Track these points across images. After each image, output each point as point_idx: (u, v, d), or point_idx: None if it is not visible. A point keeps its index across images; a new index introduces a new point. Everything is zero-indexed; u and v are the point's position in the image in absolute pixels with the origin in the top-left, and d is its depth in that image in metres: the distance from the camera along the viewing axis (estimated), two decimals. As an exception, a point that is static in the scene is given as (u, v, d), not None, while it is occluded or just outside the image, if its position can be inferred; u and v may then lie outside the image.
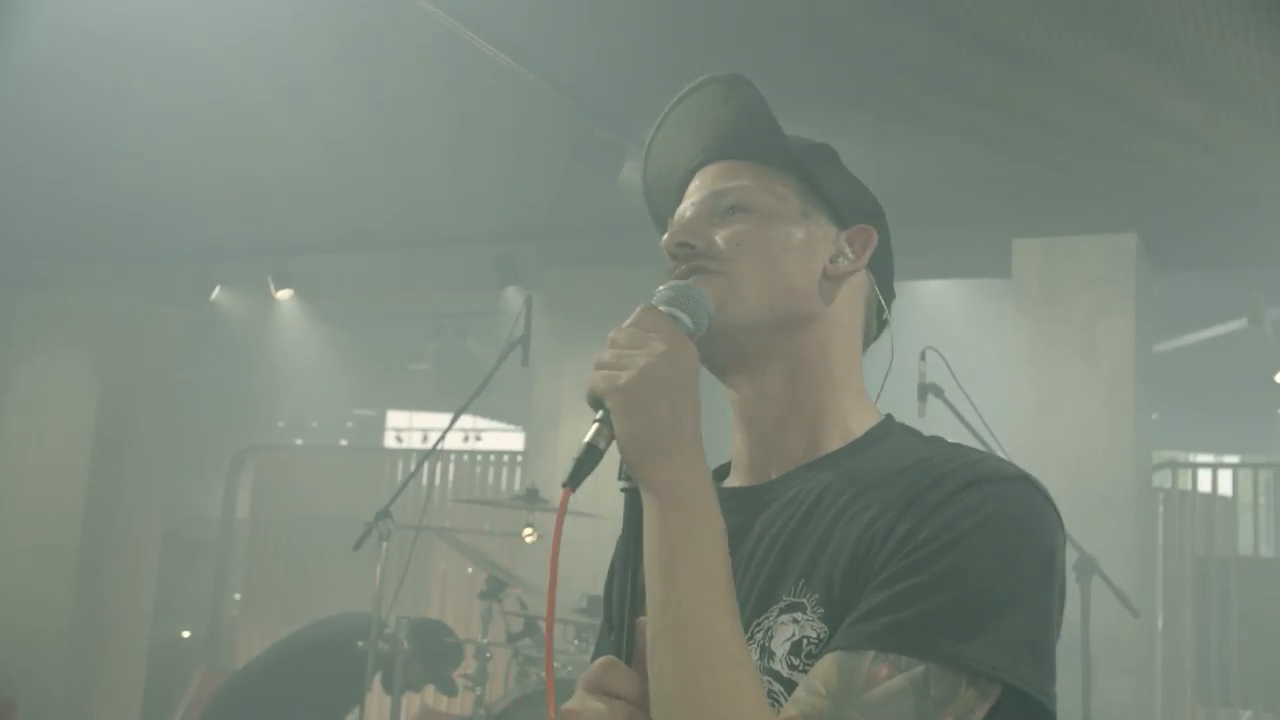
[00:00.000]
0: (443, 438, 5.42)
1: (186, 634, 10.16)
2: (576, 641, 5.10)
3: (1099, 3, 4.24)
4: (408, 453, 9.72)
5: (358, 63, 5.09)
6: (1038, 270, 6.36)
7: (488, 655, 5.29)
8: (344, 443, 16.32)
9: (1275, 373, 10.52)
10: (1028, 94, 5.07)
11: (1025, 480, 1.24)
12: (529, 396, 7.44)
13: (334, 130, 5.80)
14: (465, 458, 8.34)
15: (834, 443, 1.39)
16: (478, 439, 15.58)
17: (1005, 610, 1.14)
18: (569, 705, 1.22)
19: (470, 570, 8.02)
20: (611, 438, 1.22)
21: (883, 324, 1.52)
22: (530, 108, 5.35)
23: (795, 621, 1.25)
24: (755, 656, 1.25)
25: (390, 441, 16.55)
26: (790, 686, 1.21)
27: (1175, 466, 7.15)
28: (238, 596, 9.52)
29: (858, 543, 1.23)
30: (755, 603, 1.30)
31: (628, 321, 1.27)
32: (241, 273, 7.80)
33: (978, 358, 5.58)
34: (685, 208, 1.46)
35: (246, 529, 9.30)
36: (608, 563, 1.57)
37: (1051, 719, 1.16)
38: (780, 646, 1.25)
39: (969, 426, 5.18)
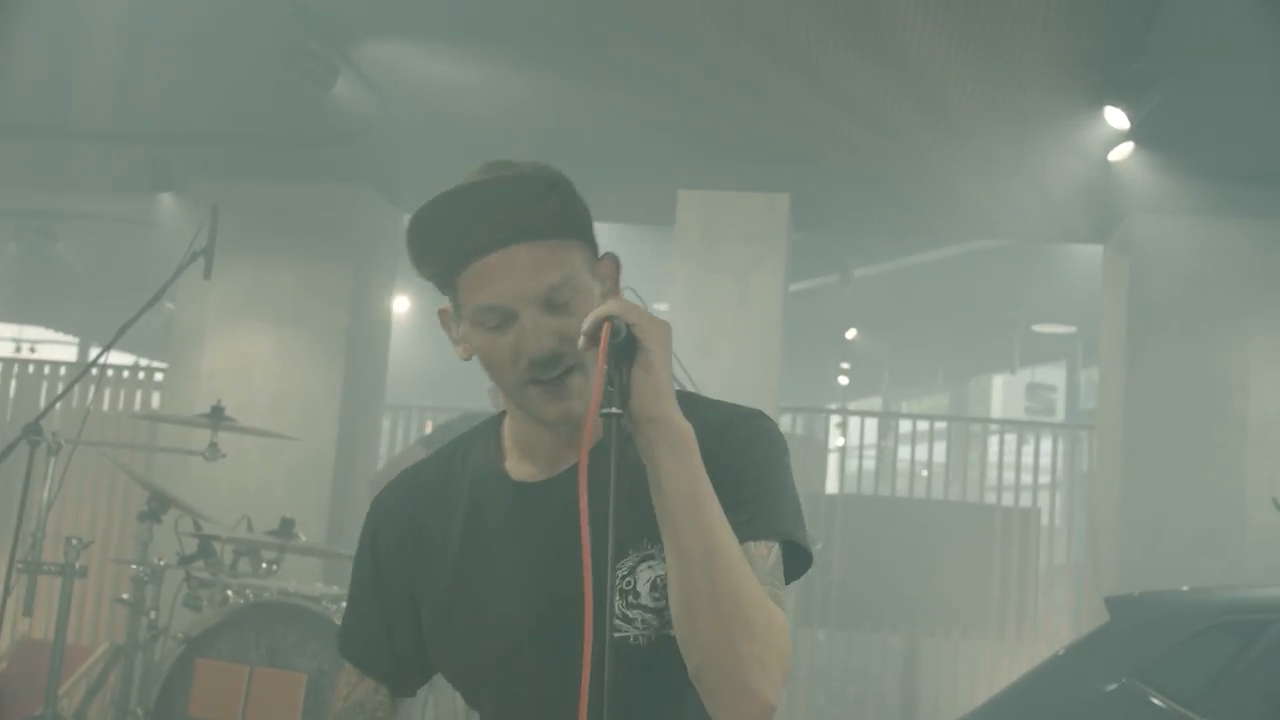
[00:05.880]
0: (105, 352, 5.07)
1: None
2: (267, 564, 4.92)
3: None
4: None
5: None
6: (699, 220, 6.73)
7: (145, 579, 5.00)
8: None
9: (848, 330, 11.63)
10: (710, 44, 5.29)
11: (764, 414, 1.73)
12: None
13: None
14: (108, 373, 7.69)
15: None
16: (32, 350, 14.39)
17: (791, 501, 1.65)
18: None
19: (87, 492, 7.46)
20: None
21: None
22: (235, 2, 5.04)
23: (650, 567, 1.62)
24: (620, 599, 1.62)
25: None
26: (657, 614, 1.61)
27: (795, 411, 7.80)
28: None
29: None
30: (617, 543, 1.53)
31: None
32: None
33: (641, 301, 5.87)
34: (520, 297, 1.59)
35: None
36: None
37: (810, 561, 1.70)
38: (643, 587, 1.62)
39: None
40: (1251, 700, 4.05)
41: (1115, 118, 5.05)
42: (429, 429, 9.21)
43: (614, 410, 1.42)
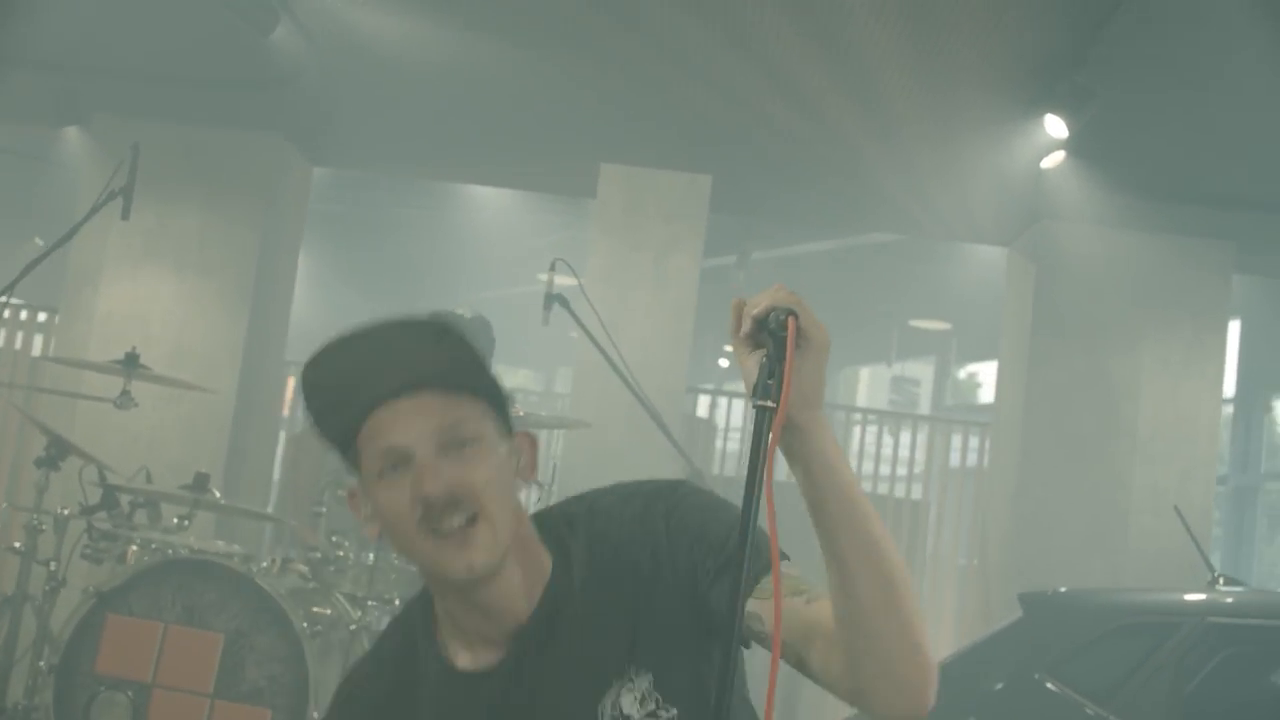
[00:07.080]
0: (9, 289, 4.84)
1: None
2: (179, 519, 4.75)
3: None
4: None
5: None
6: (621, 196, 6.70)
7: (41, 528, 4.80)
8: None
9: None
10: (649, 13, 5.22)
11: (674, 480, 1.79)
12: None
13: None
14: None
15: (540, 586, 1.68)
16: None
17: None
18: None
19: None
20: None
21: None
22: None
23: (630, 689, 1.64)
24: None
25: None
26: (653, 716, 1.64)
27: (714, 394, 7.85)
28: None
29: (654, 594, 1.66)
30: (590, 695, 1.64)
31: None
32: None
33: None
34: (415, 436, 1.58)
35: None
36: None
37: None
38: (632, 708, 1.64)
39: (589, 334, 5.41)
40: (1158, 698, 4.20)
41: (1054, 126, 5.16)
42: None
43: (769, 404, 1.39)
